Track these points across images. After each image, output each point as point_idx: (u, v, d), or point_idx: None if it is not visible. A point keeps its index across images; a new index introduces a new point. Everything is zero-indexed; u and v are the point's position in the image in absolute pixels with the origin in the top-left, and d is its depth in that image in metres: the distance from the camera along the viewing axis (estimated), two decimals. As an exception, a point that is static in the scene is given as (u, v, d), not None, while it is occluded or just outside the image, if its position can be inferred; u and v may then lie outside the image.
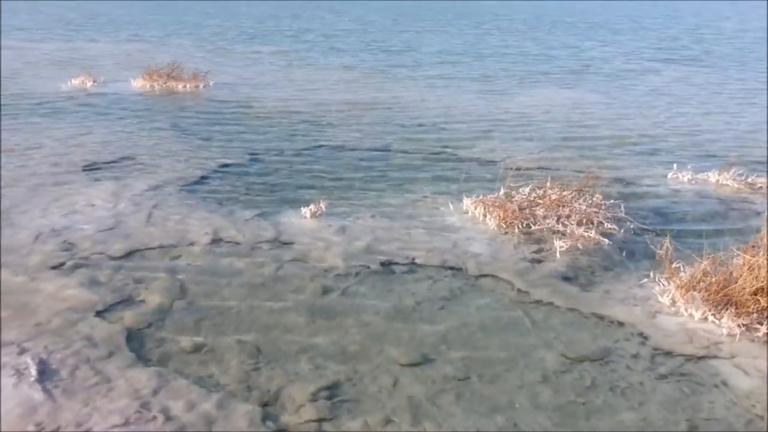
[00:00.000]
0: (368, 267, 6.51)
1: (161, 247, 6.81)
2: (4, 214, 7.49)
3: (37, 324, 5.18)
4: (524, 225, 7.42)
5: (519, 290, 6.16)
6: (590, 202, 7.68)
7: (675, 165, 10.02)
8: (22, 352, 4.77)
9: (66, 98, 14.88)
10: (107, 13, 49.30)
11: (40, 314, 5.33)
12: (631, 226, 7.52)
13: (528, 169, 9.38)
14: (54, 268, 6.20)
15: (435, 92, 16.67)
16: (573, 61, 23.61)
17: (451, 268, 6.54)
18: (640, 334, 5.53)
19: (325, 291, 6.04)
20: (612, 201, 7.94)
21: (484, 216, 7.63)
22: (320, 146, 11.10)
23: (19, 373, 4.51)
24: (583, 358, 5.18)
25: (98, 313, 5.43)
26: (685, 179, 9.60)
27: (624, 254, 6.94)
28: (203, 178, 9.24)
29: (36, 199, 8.05)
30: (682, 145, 11.84)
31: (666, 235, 6.56)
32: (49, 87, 16.20)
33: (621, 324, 5.69)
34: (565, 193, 7.73)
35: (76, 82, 16.67)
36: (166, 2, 68.61)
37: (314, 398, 4.53)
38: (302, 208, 7.80)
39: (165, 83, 16.58)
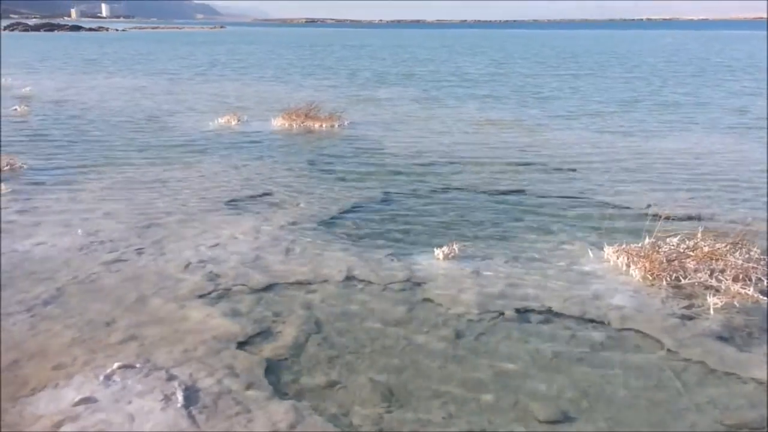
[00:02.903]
0: (503, 313, 6.32)
1: (298, 282, 6.97)
2: (158, 244, 8.01)
3: (185, 351, 5.42)
4: (673, 278, 6.94)
5: (668, 349, 5.73)
6: (747, 256, 7.08)
7: (843, 219, 9.09)
8: (171, 378, 4.99)
9: (213, 136, 15.87)
10: (252, 56, 52.52)
11: (187, 341, 5.58)
12: (794, 285, 6.85)
13: (676, 217, 8.85)
14: (201, 297, 6.51)
15: (575, 136, 16.24)
16: (730, 107, 22.21)
17: (592, 320, 6.21)
18: (808, 405, 4.97)
19: (458, 335, 5.91)
20: (772, 256, 7.30)
21: (628, 266, 7.22)
22: (453, 188, 11.05)
23: (167, 398, 4.70)
24: (741, 425, 4.71)
25: (240, 344, 5.60)
26: None
27: (787, 315, 6.32)
28: (338, 215, 9.42)
29: (185, 230, 8.55)
30: None
31: (838, 297, 5.91)
32: (198, 125, 17.38)
33: (784, 391, 5.14)
34: (718, 245, 7.17)
35: (222, 120, 17.78)
36: (305, 46, 72.27)
37: (448, 448, 4.38)
38: (435, 250, 7.75)
39: (303, 122, 17.31)
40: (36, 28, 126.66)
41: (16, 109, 19.80)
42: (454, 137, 15.88)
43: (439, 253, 7.65)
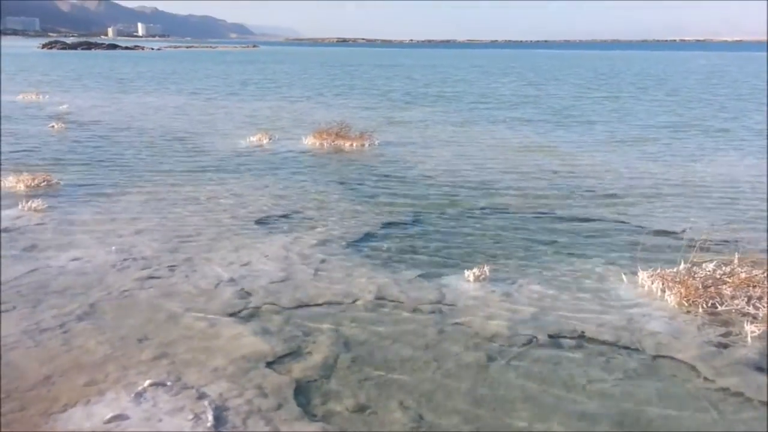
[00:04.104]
0: (535, 338, 6.23)
1: (327, 302, 6.96)
2: (189, 262, 8.08)
3: (215, 369, 5.43)
4: (709, 304, 6.79)
5: (704, 377, 5.60)
6: (786, 283, 6.91)
7: None
8: (201, 396, 5.00)
9: (245, 154, 16.03)
10: (284, 75, 53.11)
11: (217, 360, 5.59)
12: (837, 314, 6.65)
13: (712, 242, 8.67)
14: (231, 315, 6.54)
15: (611, 160, 16.07)
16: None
17: (626, 347, 6.09)
18: None
19: (490, 359, 5.84)
20: (812, 284, 7.09)
21: (663, 292, 7.08)
22: (484, 209, 10.99)
23: (197, 417, 4.71)
24: (781, 460, 4.56)
25: (269, 364, 5.60)
26: None
27: (829, 346, 6.13)
28: (368, 235, 9.42)
29: (216, 248, 8.61)
30: None
31: None
32: (230, 144, 17.58)
33: (827, 425, 4.97)
34: (756, 271, 7.01)
35: (254, 139, 17.97)
36: (336, 65, 72.93)
37: (479, 475, 4.30)
38: (465, 272, 7.69)
39: (333, 141, 17.41)
40: (73, 46, 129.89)
41: (52, 126, 20.25)
42: (486, 159, 15.80)
43: (469, 275, 7.60)
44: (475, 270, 7.63)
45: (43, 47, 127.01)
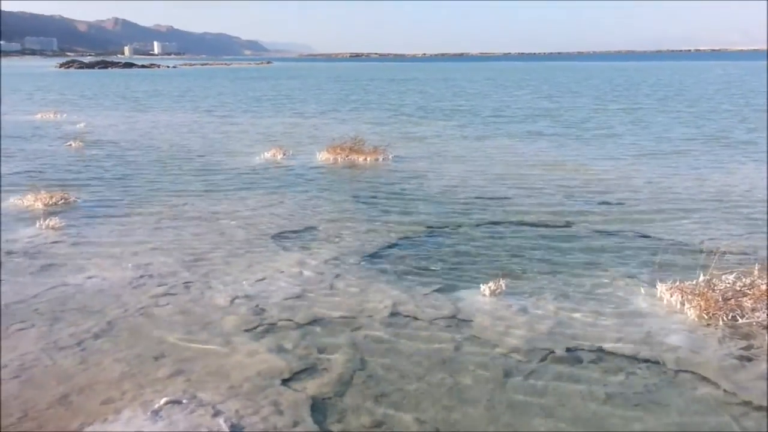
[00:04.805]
0: (552, 352, 6.17)
1: (343, 318, 6.94)
2: (205, 278, 8.11)
3: (230, 387, 5.42)
4: (729, 317, 6.70)
5: (726, 391, 5.50)
6: (808, 295, 6.79)
7: None
8: (216, 414, 4.98)
9: (259, 170, 16.11)
10: (297, 91, 53.46)
11: (233, 377, 5.58)
12: None
13: (731, 254, 8.56)
14: (247, 331, 6.53)
15: (625, 170, 15.96)
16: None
17: (646, 361, 6.01)
18: None
19: (507, 374, 5.78)
20: (836, 295, 6.97)
21: (682, 305, 6.99)
22: (498, 222, 10.94)
23: (213, 435, 4.70)
24: (808, 477, 4.46)
25: (284, 381, 5.58)
26: None
27: None
28: (382, 249, 9.40)
29: (232, 264, 8.63)
30: None
31: None
32: (245, 160, 17.68)
33: None
34: (777, 283, 6.91)
35: (268, 155, 18.06)
36: (350, 80, 73.29)
37: (498, 493, 4.24)
38: (481, 286, 7.64)
39: (347, 156, 17.45)
40: (91, 65, 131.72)
41: (70, 145, 20.48)
42: (501, 173, 15.68)
43: (485, 288, 7.54)
44: (491, 284, 7.58)
45: (60, 67, 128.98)
